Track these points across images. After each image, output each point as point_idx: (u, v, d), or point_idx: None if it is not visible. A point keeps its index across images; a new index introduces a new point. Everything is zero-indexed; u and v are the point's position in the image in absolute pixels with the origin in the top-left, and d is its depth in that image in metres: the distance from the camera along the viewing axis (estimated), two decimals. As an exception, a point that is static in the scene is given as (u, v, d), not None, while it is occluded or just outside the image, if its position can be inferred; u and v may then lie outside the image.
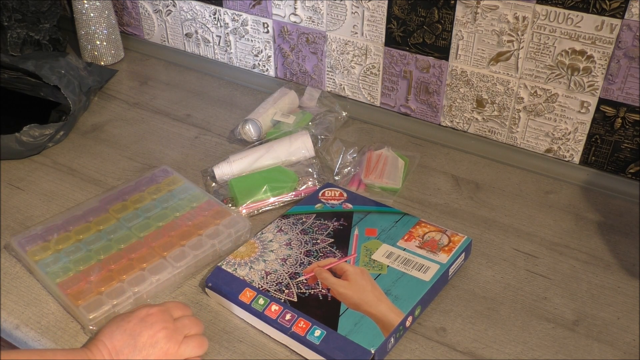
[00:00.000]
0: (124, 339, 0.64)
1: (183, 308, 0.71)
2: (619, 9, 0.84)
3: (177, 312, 0.69)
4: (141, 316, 0.66)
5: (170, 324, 0.66)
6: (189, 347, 0.67)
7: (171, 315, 0.68)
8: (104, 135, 1.10)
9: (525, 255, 0.84)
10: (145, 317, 0.66)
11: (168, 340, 0.65)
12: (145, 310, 0.67)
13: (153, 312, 0.67)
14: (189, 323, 0.69)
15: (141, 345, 0.64)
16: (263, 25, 1.19)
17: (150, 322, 0.65)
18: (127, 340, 0.64)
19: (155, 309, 0.67)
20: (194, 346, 0.67)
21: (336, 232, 0.83)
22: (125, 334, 0.64)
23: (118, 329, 0.65)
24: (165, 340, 0.65)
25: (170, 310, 0.69)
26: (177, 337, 0.66)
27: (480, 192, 0.96)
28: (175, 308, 0.70)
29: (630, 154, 0.93)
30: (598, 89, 0.91)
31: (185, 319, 0.69)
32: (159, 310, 0.67)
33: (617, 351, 0.71)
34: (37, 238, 0.83)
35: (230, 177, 0.96)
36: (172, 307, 0.70)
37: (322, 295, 0.73)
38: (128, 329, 0.65)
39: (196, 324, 0.69)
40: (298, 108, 1.14)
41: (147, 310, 0.67)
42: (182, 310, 0.70)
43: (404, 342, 0.72)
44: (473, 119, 1.04)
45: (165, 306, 0.69)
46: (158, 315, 0.66)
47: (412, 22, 1.01)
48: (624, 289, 0.79)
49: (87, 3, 1.24)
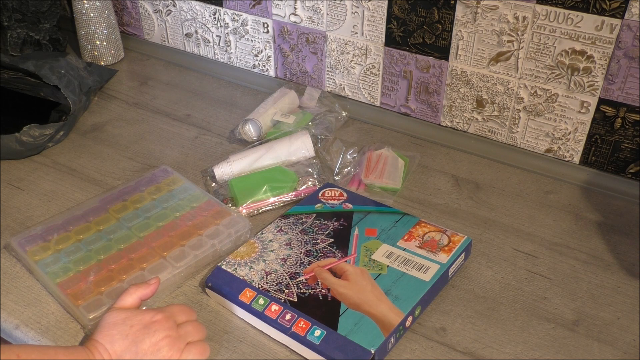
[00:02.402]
0: (126, 345, 0.63)
1: (188, 313, 0.70)
2: (619, 9, 0.84)
3: (181, 317, 0.68)
4: (145, 322, 0.65)
5: (173, 332, 0.66)
6: (191, 354, 0.66)
7: (175, 321, 0.67)
8: (104, 135, 1.10)
9: (525, 255, 0.84)
10: (149, 324, 0.65)
11: (170, 349, 0.64)
12: (150, 316, 0.66)
13: (158, 319, 0.66)
14: (192, 330, 0.68)
15: (142, 353, 0.63)
16: (263, 25, 1.19)
17: (153, 330, 0.65)
18: (128, 347, 0.63)
19: (159, 315, 0.66)
20: (195, 353, 0.66)
21: (336, 232, 0.83)
22: (127, 340, 0.64)
23: (119, 333, 0.64)
24: (167, 348, 0.64)
25: (175, 315, 0.68)
26: (180, 345, 0.65)
27: (480, 192, 0.96)
28: (180, 313, 0.69)
29: (630, 154, 0.93)
30: (598, 89, 0.91)
31: (188, 325, 0.68)
32: (164, 318, 0.66)
33: (617, 351, 0.71)
34: (37, 238, 0.83)
35: (230, 177, 0.96)
36: (176, 312, 0.69)
37: (322, 295, 0.73)
38: (130, 335, 0.64)
39: (199, 329, 0.69)
40: (298, 108, 1.14)
41: (152, 317, 0.66)
42: (186, 315, 0.69)
43: (404, 342, 0.72)
44: (473, 119, 1.04)
45: (170, 311, 0.68)
46: (162, 322, 0.65)
47: (412, 22, 1.01)
48: (624, 289, 0.79)
49: (87, 3, 1.24)
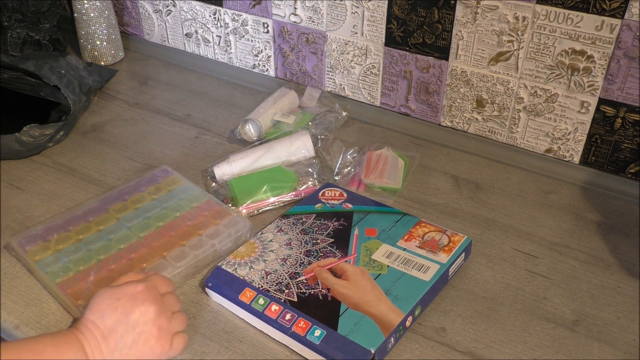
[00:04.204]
0: (116, 317, 0.64)
1: (167, 283, 0.71)
2: (619, 9, 0.84)
3: (162, 287, 0.70)
4: (130, 293, 0.66)
5: (159, 300, 0.67)
6: (177, 322, 0.68)
7: (158, 290, 0.68)
8: (104, 135, 1.10)
9: (525, 255, 0.84)
10: (135, 294, 0.65)
11: (159, 316, 0.65)
12: (134, 286, 0.66)
13: (141, 288, 0.66)
14: (174, 300, 0.70)
15: (134, 322, 0.64)
16: (263, 25, 1.19)
17: (141, 299, 0.65)
18: (119, 318, 0.64)
19: (142, 285, 0.67)
20: (180, 321, 0.68)
21: (336, 232, 0.83)
22: (117, 312, 0.64)
23: (108, 307, 0.64)
24: (156, 315, 0.65)
25: (157, 285, 0.69)
26: (167, 312, 0.67)
27: (480, 192, 0.96)
28: (161, 283, 0.70)
29: (630, 154, 0.93)
30: (598, 89, 0.91)
31: (170, 296, 0.69)
32: (147, 287, 0.67)
33: (617, 351, 0.71)
34: (37, 238, 0.83)
35: (230, 177, 0.96)
36: (157, 282, 0.70)
37: (322, 295, 0.73)
38: (119, 307, 0.64)
39: (177, 300, 0.70)
40: (298, 108, 1.14)
41: (135, 287, 0.66)
42: (166, 285, 0.70)
43: (404, 342, 0.72)
44: (473, 119, 1.04)
45: (152, 281, 0.69)
46: (147, 291, 0.66)
47: (412, 22, 1.01)
48: (624, 289, 0.79)
49: (87, 3, 1.24)
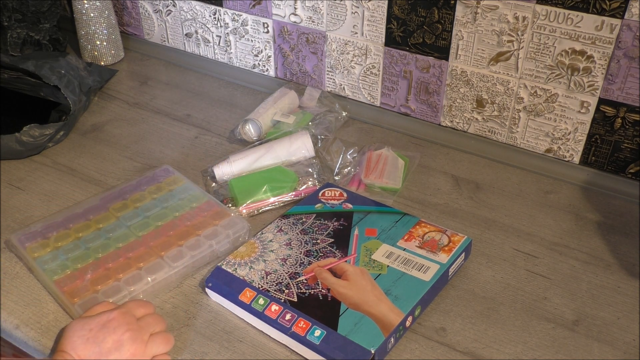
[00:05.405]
0: (88, 347, 0.63)
1: (145, 305, 0.70)
2: (619, 9, 0.84)
3: (139, 310, 0.68)
4: (102, 322, 0.65)
5: (133, 325, 0.65)
6: (155, 345, 0.66)
7: (133, 315, 0.67)
8: (104, 135, 1.10)
9: (525, 255, 0.84)
10: (107, 323, 0.65)
11: (133, 342, 0.64)
12: (106, 315, 0.65)
13: (114, 316, 0.65)
14: (153, 321, 0.68)
15: (107, 351, 0.63)
16: (263, 25, 1.19)
17: (112, 327, 0.64)
18: (91, 349, 0.63)
19: (115, 312, 0.66)
20: (159, 343, 0.67)
21: (336, 232, 0.83)
22: (89, 343, 0.63)
23: (79, 338, 0.63)
24: (130, 342, 0.64)
25: (132, 310, 0.68)
26: (143, 336, 0.65)
27: (480, 192, 0.96)
28: (137, 307, 0.69)
29: (630, 154, 0.93)
30: (598, 89, 0.91)
31: (148, 317, 0.68)
32: (120, 313, 0.66)
33: (617, 351, 0.71)
34: (36, 235, 0.83)
35: (230, 177, 0.96)
36: (133, 306, 0.68)
37: (322, 295, 0.73)
38: (91, 337, 0.63)
39: (160, 320, 0.69)
40: (298, 108, 1.14)
41: (108, 316, 0.65)
42: (144, 308, 0.69)
43: (404, 342, 0.72)
44: (473, 119, 1.04)
45: (126, 307, 0.68)
46: (120, 318, 0.65)
47: (412, 22, 1.01)
48: (624, 289, 0.79)
49: (87, 3, 1.24)
